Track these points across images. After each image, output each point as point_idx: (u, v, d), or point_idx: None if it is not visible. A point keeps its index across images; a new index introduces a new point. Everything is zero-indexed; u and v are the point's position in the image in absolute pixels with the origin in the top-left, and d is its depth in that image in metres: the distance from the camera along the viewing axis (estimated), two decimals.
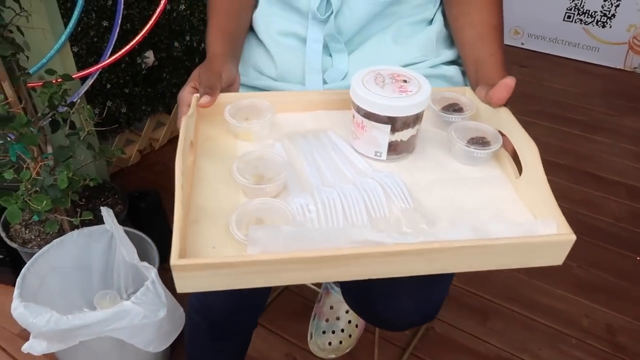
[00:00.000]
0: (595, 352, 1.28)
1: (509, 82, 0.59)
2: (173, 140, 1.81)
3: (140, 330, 0.87)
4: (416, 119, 0.59)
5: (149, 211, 1.28)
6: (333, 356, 1.22)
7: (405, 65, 0.75)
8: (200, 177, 0.58)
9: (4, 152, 0.90)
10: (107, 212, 0.94)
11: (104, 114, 1.29)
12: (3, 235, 1.06)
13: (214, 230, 0.51)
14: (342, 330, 1.21)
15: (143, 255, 0.99)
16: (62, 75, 0.90)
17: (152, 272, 0.90)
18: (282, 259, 0.45)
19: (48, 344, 0.85)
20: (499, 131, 0.62)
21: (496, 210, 0.55)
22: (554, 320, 1.35)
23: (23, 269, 0.93)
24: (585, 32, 2.69)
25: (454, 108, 0.67)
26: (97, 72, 1.07)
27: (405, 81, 0.60)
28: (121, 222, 1.10)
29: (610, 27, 2.62)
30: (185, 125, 0.55)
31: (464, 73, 0.79)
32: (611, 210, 1.66)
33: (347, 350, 1.23)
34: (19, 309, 0.83)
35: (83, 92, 1.01)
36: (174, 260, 0.44)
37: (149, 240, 1.04)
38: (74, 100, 0.94)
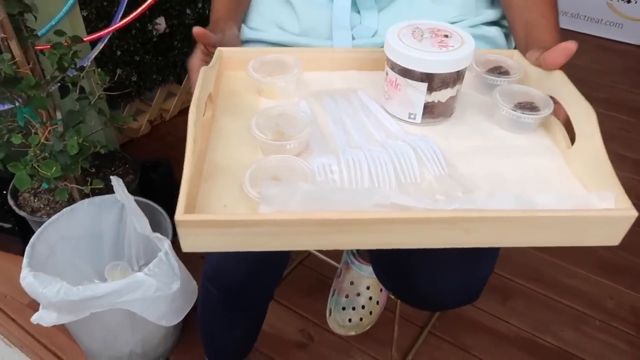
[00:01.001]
0: (619, 334, 1.20)
1: (570, 45, 0.52)
2: (184, 112, 1.77)
3: (153, 303, 0.85)
4: (457, 77, 0.53)
5: (161, 182, 1.25)
6: (352, 333, 1.18)
7: None
8: (218, 133, 0.54)
9: (12, 117, 0.88)
10: (117, 182, 0.91)
11: (114, 82, 1.27)
12: (12, 203, 1.05)
13: (228, 189, 0.47)
14: (363, 307, 1.17)
15: (155, 227, 0.95)
16: (72, 37, 0.87)
17: (165, 244, 0.87)
18: (297, 220, 0.40)
19: (58, 315, 0.82)
20: (550, 97, 0.55)
21: (544, 181, 0.49)
22: (577, 301, 1.28)
23: (32, 237, 0.91)
24: (609, 7, 2.51)
25: (499, 71, 0.60)
26: (108, 36, 1.04)
27: (446, 36, 0.53)
28: (132, 192, 1.07)
29: (636, 2, 2.44)
30: (204, 77, 0.51)
31: (507, 35, 0.72)
32: (636, 190, 1.56)
33: (367, 328, 1.19)
34: (28, 279, 0.80)
35: (94, 56, 0.99)
36: (179, 215, 0.40)
37: (162, 210, 1.01)
38: (84, 65, 0.91)
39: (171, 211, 1.04)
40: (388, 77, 0.55)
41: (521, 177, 0.49)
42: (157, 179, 1.24)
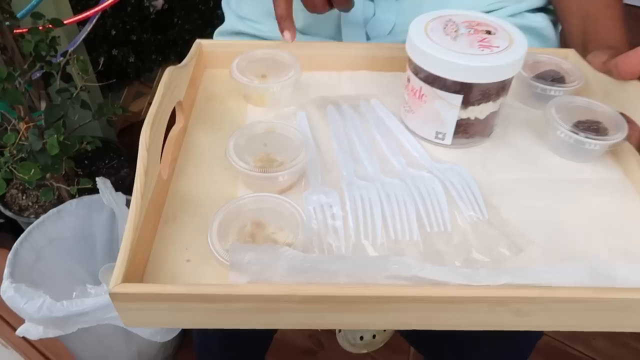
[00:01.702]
0: None
1: None
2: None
3: None
4: (501, 89, 0.40)
5: None
6: (365, 351, 1.07)
7: None
8: (188, 153, 0.42)
9: None
10: (103, 184, 0.80)
11: (111, 65, 1.15)
12: None
13: (195, 234, 0.35)
14: None
15: None
16: (51, 20, 0.75)
17: None
18: (280, 296, 0.28)
19: (44, 328, 0.75)
20: (622, 114, 0.42)
21: (617, 233, 0.36)
22: None
23: (15, 243, 0.81)
24: None
25: (552, 77, 0.47)
26: (96, 17, 0.92)
27: (488, 32, 0.40)
28: (128, 186, 0.98)
29: None
30: (169, 80, 0.39)
31: (554, 23, 0.58)
32: None
33: (381, 345, 1.08)
34: (9, 292, 0.72)
35: (80, 40, 0.87)
36: (112, 284, 0.28)
37: None
38: (68, 50, 0.79)
39: None
40: (410, 84, 0.42)
41: (587, 226, 0.37)
42: None
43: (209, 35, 0.50)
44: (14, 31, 0.75)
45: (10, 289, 0.71)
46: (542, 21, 0.55)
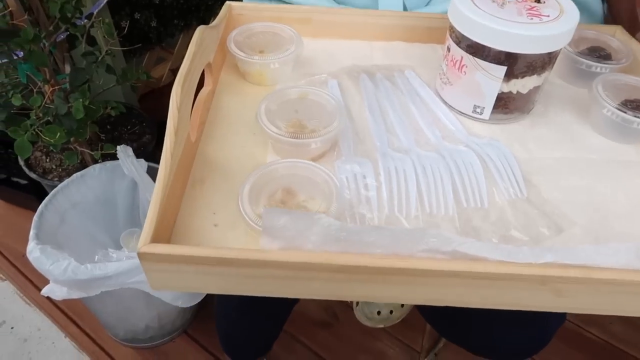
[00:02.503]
0: None
1: None
2: None
3: None
4: (547, 61, 0.38)
5: None
6: (381, 326, 1.07)
7: None
8: (217, 117, 0.41)
9: (15, 71, 0.76)
10: (124, 153, 0.80)
11: (132, 29, 1.12)
12: (22, 163, 0.96)
13: (222, 199, 0.34)
14: None
15: None
16: None
17: None
18: (313, 264, 0.27)
19: (68, 290, 0.76)
20: None
21: None
22: None
23: (40, 205, 0.82)
24: None
25: (599, 53, 0.45)
26: None
27: (538, 1, 0.38)
28: (149, 153, 0.97)
29: None
30: (200, 38, 0.37)
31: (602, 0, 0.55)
32: None
33: (398, 321, 1.08)
34: (35, 253, 0.73)
35: (104, 2, 0.85)
36: (141, 244, 0.28)
37: None
38: (93, 12, 0.78)
39: None
40: (450, 54, 0.40)
41: (631, 209, 0.35)
42: None
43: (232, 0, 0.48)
44: None
45: (37, 250, 0.72)
46: None
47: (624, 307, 0.30)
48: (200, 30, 0.38)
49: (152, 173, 0.88)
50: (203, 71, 0.40)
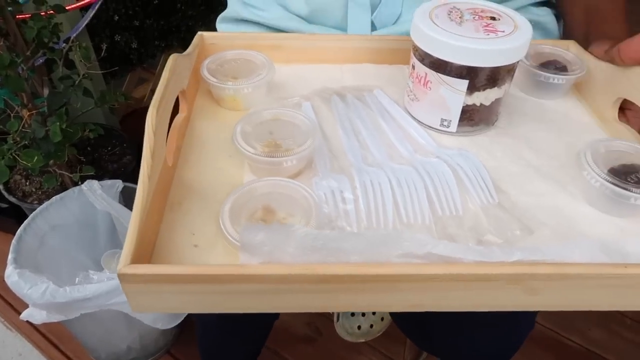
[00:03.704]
0: None
1: None
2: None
3: None
4: (506, 73, 0.40)
5: None
6: (362, 340, 1.06)
7: None
8: (192, 141, 0.42)
9: None
10: (90, 190, 0.80)
11: (113, 51, 1.14)
12: (1, 187, 0.95)
13: (201, 220, 0.35)
14: (374, 313, 1.05)
15: None
16: (53, 6, 0.75)
17: None
18: (292, 276, 0.28)
19: (48, 313, 0.76)
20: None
21: (628, 218, 0.36)
22: None
23: (19, 229, 0.82)
24: None
25: (555, 65, 0.47)
26: (98, 3, 0.91)
27: (493, 18, 0.41)
28: (130, 173, 0.98)
29: None
30: (172, 67, 0.38)
31: (557, 17, 0.59)
32: None
33: (379, 334, 1.07)
34: (13, 277, 0.73)
35: (82, 26, 0.86)
36: (122, 265, 0.28)
37: None
38: (71, 37, 0.79)
39: None
40: (415, 71, 0.42)
41: (596, 211, 0.37)
42: None
43: (212, 22, 0.50)
44: (16, 17, 0.75)
45: (15, 275, 0.72)
46: (545, 15, 0.55)
47: (595, 302, 0.31)
48: (173, 58, 0.39)
49: (132, 194, 0.89)
50: (177, 98, 0.41)
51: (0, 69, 0.68)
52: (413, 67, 0.42)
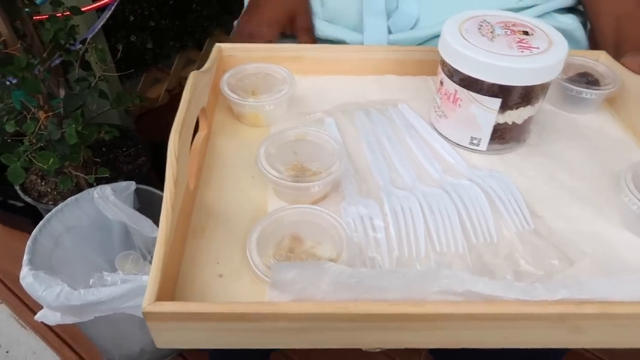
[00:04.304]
0: None
1: None
2: None
3: None
4: (540, 91, 0.38)
5: None
6: (378, 350, 1.05)
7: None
8: (213, 162, 0.40)
9: (9, 96, 0.75)
10: (102, 198, 0.79)
11: (128, 51, 1.14)
12: (17, 187, 0.95)
13: (225, 247, 0.33)
14: None
15: None
16: (70, 8, 0.74)
17: None
18: (326, 314, 0.26)
19: (62, 315, 0.75)
20: None
21: None
22: None
23: (34, 231, 0.82)
24: None
25: (587, 79, 0.46)
26: (114, 4, 0.90)
27: (526, 33, 0.39)
28: (144, 175, 0.98)
29: None
30: (193, 85, 0.37)
31: (584, 25, 0.56)
32: None
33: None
34: (28, 279, 0.73)
35: (98, 27, 0.84)
36: (146, 303, 0.26)
37: None
38: (86, 38, 0.78)
39: None
40: (444, 87, 0.41)
41: (637, 237, 0.35)
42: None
43: (227, 22, 0.48)
44: (33, 18, 0.73)
45: (30, 276, 0.72)
46: (572, 23, 0.53)
47: None
48: (193, 76, 0.38)
49: (146, 196, 0.88)
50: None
51: (17, 71, 0.68)
52: (441, 83, 0.41)
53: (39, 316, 0.74)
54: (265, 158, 0.36)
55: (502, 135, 0.40)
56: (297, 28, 0.55)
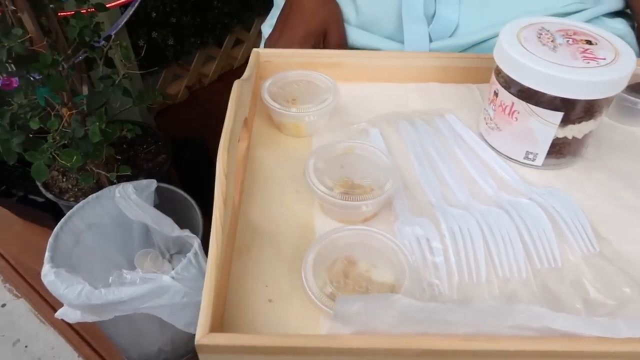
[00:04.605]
0: None
1: None
2: (224, 77, 1.63)
3: (181, 310, 0.76)
4: (605, 104, 0.36)
5: (193, 160, 1.14)
6: None
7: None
8: (255, 174, 0.38)
9: (33, 93, 0.74)
10: (124, 198, 0.78)
11: (150, 47, 1.13)
12: (38, 183, 0.95)
13: (273, 268, 0.32)
14: None
15: (185, 219, 0.86)
16: (95, 5, 0.73)
17: (195, 243, 0.76)
18: (387, 349, 0.25)
19: (82, 313, 0.75)
20: None
21: None
22: None
23: (56, 227, 0.82)
24: None
25: None
26: (139, 0, 0.89)
27: (589, 42, 0.37)
28: (165, 172, 0.98)
29: None
30: (238, 94, 0.35)
31: (633, 28, 0.54)
32: None
33: None
34: (50, 277, 0.73)
35: (122, 24, 0.83)
36: (200, 335, 0.25)
37: (192, 201, 0.92)
38: (111, 34, 0.76)
39: (202, 199, 0.96)
40: (499, 99, 0.38)
41: None
42: (190, 158, 1.12)
43: (248, 19, 0.47)
44: (58, 14, 0.72)
45: (51, 274, 0.72)
46: (623, 28, 0.51)
47: None
48: (237, 85, 0.36)
49: (166, 194, 0.87)
50: None
51: (42, 68, 0.67)
52: (495, 94, 0.39)
53: (60, 314, 0.74)
54: (313, 173, 0.34)
55: (560, 150, 0.38)
56: (329, 42, 0.53)
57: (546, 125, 0.36)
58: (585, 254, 0.32)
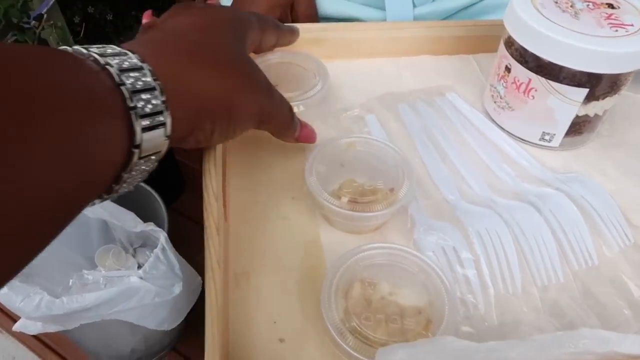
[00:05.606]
0: None
1: None
2: None
3: (152, 311, 0.71)
4: (630, 76, 0.33)
5: None
6: None
7: None
8: (241, 179, 0.33)
9: None
10: None
11: (88, 24, 1.03)
12: None
13: (281, 298, 0.27)
14: None
15: (149, 213, 0.81)
16: None
17: (161, 237, 0.71)
18: None
19: (43, 324, 0.70)
20: None
21: None
22: None
23: None
24: None
25: None
26: None
27: (611, 6, 0.32)
28: None
29: None
30: None
31: None
32: None
33: None
34: (2, 289, 0.65)
35: (52, 0, 0.73)
36: None
37: (156, 195, 0.87)
38: (41, 13, 0.67)
39: (165, 195, 0.90)
40: (511, 75, 0.34)
41: None
42: None
43: None
44: None
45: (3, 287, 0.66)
46: None
47: None
48: None
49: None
50: None
51: None
52: (507, 69, 0.34)
53: (18, 326, 0.67)
54: (314, 176, 0.29)
55: (579, 130, 0.34)
56: (298, 13, 0.47)
57: (568, 104, 0.32)
58: (621, 247, 0.29)
